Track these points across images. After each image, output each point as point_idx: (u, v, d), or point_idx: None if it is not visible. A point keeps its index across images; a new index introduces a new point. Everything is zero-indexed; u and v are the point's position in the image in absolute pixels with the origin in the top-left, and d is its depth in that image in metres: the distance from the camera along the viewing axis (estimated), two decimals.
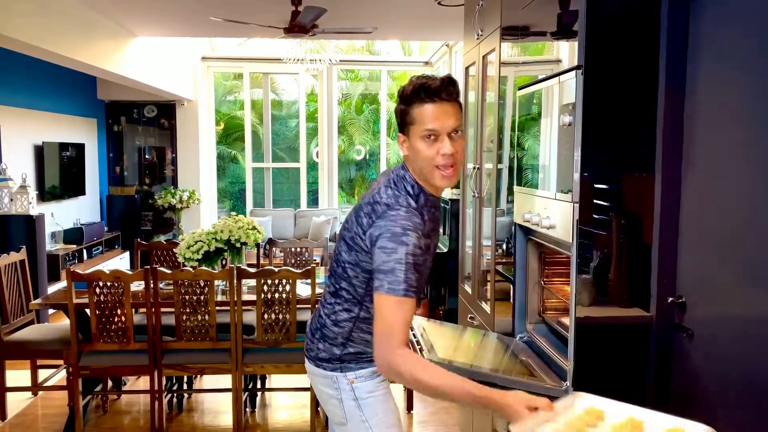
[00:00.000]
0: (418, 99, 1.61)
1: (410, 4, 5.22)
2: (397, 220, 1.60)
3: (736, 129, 1.60)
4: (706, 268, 1.72)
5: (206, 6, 5.26)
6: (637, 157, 1.86)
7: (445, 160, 1.62)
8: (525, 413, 1.44)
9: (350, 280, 1.73)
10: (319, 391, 1.85)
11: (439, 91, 1.60)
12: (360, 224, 1.68)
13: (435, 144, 1.61)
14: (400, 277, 1.54)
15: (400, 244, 1.56)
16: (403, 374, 1.52)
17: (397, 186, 1.69)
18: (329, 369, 1.78)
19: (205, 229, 3.81)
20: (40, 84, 6.46)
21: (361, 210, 1.70)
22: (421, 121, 1.61)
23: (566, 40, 2.04)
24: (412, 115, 1.63)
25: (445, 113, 1.61)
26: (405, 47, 10.89)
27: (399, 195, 1.67)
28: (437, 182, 1.66)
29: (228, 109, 12.07)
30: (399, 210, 1.62)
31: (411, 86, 1.63)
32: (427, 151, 1.62)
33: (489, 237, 2.80)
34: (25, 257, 3.98)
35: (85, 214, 7.40)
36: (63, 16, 4.95)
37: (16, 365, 3.99)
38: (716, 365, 1.68)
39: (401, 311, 1.54)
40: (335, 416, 1.82)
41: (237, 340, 3.40)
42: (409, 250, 1.56)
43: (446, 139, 1.61)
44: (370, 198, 1.70)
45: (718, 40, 1.68)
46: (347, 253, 1.72)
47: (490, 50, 2.76)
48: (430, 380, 1.51)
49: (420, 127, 1.62)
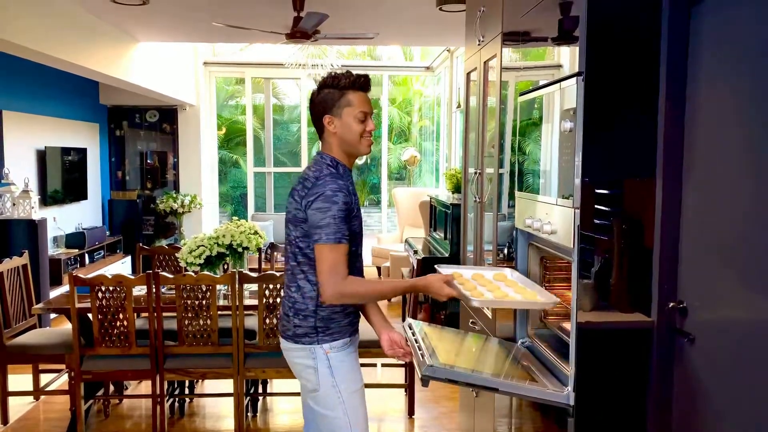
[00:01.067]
0: (353, 88, 2.06)
1: (412, 10, 5.24)
2: (326, 185, 1.98)
3: (736, 134, 1.61)
4: (708, 273, 1.72)
5: (208, 12, 5.29)
6: (638, 162, 1.86)
7: (369, 134, 2.09)
8: (444, 286, 1.99)
9: (303, 251, 2.05)
10: (294, 364, 2.14)
11: (368, 84, 2.10)
12: (296, 201, 2.04)
13: (363, 123, 2.06)
14: (333, 228, 1.94)
15: (332, 203, 1.95)
16: (351, 294, 1.99)
17: (318, 164, 2.08)
18: (307, 342, 2.08)
19: (207, 234, 3.82)
20: (42, 89, 6.48)
21: (295, 191, 2.08)
22: (357, 105, 2.05)
23: (567, 46, 2.04)
24: (347, 99, 2.05)
25: (369, 101, 2.10)
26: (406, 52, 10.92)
27: (321, 169, 2.05)
28: (363, 149, 2.09)
29: (230, 114, 12.10)
30: (325, 178, 2.00)
31: (346, 78, 2.05)
32: (359, 127, 2.06)
33: (490, 242, 2.80)
34: (27, 262, 3.99)
35: (87, 219, 7.41)
36: (66, 22, 4.98)
37: (18, 369, 3.99)
38: (718, 370, 1.68)
39: (339, 253, 1.95)
40: (309, 383, 2.10)
41: (239, 345, 3.40)
42: (340, 207, 1.95)
43: (370, 119, 2.09)
44: (300, 178, 2.09)
45: (719, 45, 1.69)
46: (295, 230, 2.05)
47: (492, 56, 2.77)
48: (368, 290, 2.03)
49: (356, 110, 2.05)
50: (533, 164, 2.29)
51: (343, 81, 2.05)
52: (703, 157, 1.74)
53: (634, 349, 1.88)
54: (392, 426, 3.83)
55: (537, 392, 1.88)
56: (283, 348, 2.17)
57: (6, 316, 3.69)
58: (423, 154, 9.89)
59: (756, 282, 1.52)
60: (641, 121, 1.85)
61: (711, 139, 1.71)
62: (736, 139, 1.61)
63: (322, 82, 2.11)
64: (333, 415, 2.07)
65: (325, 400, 2.08)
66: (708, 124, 1.72)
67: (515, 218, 2.41)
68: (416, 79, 10.84)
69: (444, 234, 5.68)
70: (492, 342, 2.41)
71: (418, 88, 11.11)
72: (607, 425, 1.89)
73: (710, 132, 1.71)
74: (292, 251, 2.09)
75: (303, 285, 2.07)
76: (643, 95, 1.84)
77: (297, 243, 2.06)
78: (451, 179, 5.99)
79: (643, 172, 1.85)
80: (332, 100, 2.05)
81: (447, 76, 8.06)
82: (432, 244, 6.09)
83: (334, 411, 2.07)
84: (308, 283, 2.06)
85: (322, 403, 2.08)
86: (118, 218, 7.99)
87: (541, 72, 2.33)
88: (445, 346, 2.18)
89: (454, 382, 1.89)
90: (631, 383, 1.88)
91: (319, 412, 2.10)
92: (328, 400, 2.07)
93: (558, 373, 1.99)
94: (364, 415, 2.12)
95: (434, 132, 9.40)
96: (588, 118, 1.80)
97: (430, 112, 9.92)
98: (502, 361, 2.20)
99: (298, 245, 2.05)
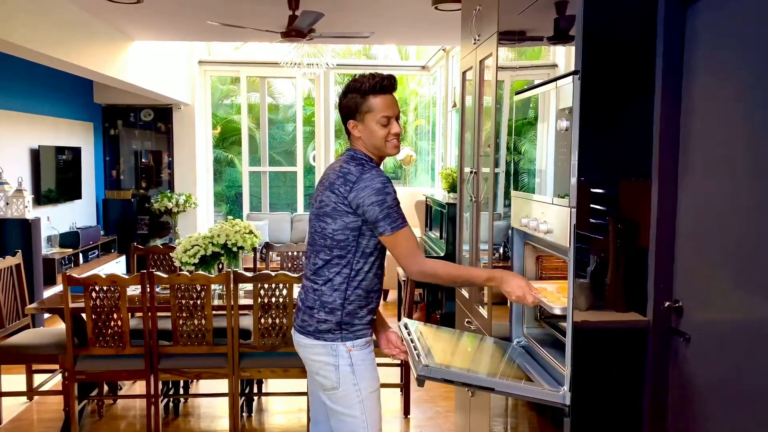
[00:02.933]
0: (374, 92, 2.04)
1: (407, 9, 5.23)
2: (374, 179, 2.01)
3: (733, 133, 1.61)
4: (703, 273, 1.72)
5: (203, 10, 5.26)
6: (633, 161, 1.86)
7: (395, 137, 2.09)
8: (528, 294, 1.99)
9: (340, 244, 2.05)
10: (312, 361, 2.11)
11: (391, 86, 2.07)
12: (338, 194, 2.04)
13: (387, 126, 2.06)
14: (395, 216, 2.01)
15: (386, 194, 2.01)
16: (432, 273, 2.05)
17: (355, 160, 2.08)
18: (330, 339, 2.07)
19: (202, 233, 3.81)
20: (36, 88, 6.45)
21: (333, 185, 2.06)
22: (379, 110, 2.04)
23: (563, 45, 2.04)
24: (369, 105, 2.05)
25: (393, 103, 2.08)
26: (402, 51, 10.91)
27: (362, 164, 2.07)
28: (389, 151, 2.10)
29: (225, 113, 12.07)
30: (370, 171, 2.04)
31: (368, 82, 2.04)
32: (382, 131, 2.06)
33: (486, 241, 2.80)
34: (20, 261, 3.97)
35: (82, 218, 7.38)
36: (61, 20, 4.95)
37: (12, 370, 3.97)
38: (714, 370, 1.68)
39: (410, 237, 2.04)
40: (327, 381, 2.08)
41: (233, 345, 3.39)
42: (393, 196, 2.02)
43: (395, 122, 2.08)
44: (337, 173, 2.08)
45: (715, 44, 1.69)
46: (333, 223, 2.05)
47: (487, 55, 2.76)
48: (447, 271, 2.09)
49: (377, 115, 2.04)
50: (529, 163, 2.29)
51: (366, 85, 2.04)
52: (699, 156, 1.74)
53: (629, 349, 1.88)
54: (388, 426, 3.82)
55: (533, 392, 1.88)
56: (301, 344, 2.14)
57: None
58: (419, 154, 9.88)
59: (752, 281, 1.52)
60: (637, 120, 1.84)
61: (707, 138, 1.71)
62: (733, 138, 1.60)
63: (346, 87, 2.10)
64: (351, 414, 2.06)
65: (344, 399, 2.06)
66: (704, 123, 1.72)
67: (511, 217, 2.40)
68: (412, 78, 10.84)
69: (440, 233, 5.68)
70: (488, 342, 2.40)
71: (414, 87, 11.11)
72: (603, 425, 1.89)
73: (706, 131, 1.71)
74: (325, 245, 2.07)
75: (334, 278, 2.06)
76: (639, 94, 1.84)
77: (334, 236, 2.05)
78: (447, 178, 5.99)
79: (639, 171, 1.85)
80: (356, 105, 2.06)
81: (443, 76, 8.06)
82: (428, 243, 6.08)
83: (351, 410, 2.06)
84: (338, 276, 2.06)
85: (340, 401, 2.07)
86: (112, 218, 7.96)
87: (537, 71, 2.32)
88: (441, 346, 2.17)
89: (450, 382, 1.89)
90: (627, 383, 1.88)
91: (335, 410, 2.09)
92: (347, 399, 2.06)
93: (554, 372, 1.98)
94: (379, 417, 2.13)
95: (430, 131, 9.40)
96: (584, 117, 1.80)
97: (426, 111, 9.91)
98: (497, 360, 2.20)
99: (335, 239, 2.05)
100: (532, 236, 2.19)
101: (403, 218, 2.03)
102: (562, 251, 1.93)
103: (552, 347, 2.10)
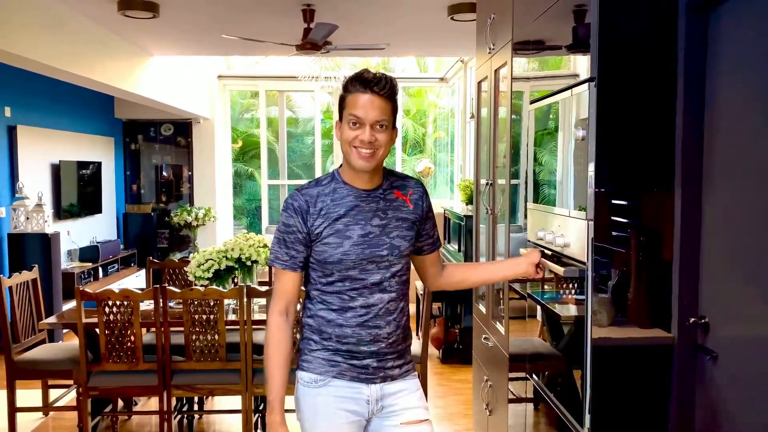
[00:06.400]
0: (353, 88, 1.71)
1: (423, 20, 5.20)
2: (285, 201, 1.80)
3: (759, 142, 1.52)
4: (730, 287, 1.63)
5: (218, 24, 5.29)
6: (655, 171, 1.78)
7: (362, 144, 1.69)
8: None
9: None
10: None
11: (369, 82, 1.68)
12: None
13: (357, 130, 1.70)
14: (272, 248, 1.80)
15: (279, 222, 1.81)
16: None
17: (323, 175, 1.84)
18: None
19: (216, 248, 3.77)
20: (58, 104, 6.53)
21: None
22: (350, 107, 1.70)
23: (580, 54, 1.97)
24: (346, 101, 1.72)
25: (371, 104, 1.68)
26: (421, 64, 10.90)
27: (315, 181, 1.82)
28: (354, 161, 1.72)
29: (245, 127, 12.14)
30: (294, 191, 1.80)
31: (351, 76, 1.74)
32: (348, 134, 1.71)
33: (503, 254, 2.72)
34: (37, 276, 3.98)
35: (102, 232, 7.43)
36: (81, 38, 5.00)
37: (28, 384, 3.96)
38: (742, 389, 1.58)
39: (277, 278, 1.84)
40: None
41: (247, 361, 3.34)
42: (281, 223, 1.78)
43: (368, 128, 1.68)
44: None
45: (739, 50, 1.61)
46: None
47: (502, 64, 2.70)
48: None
49: (348, 112, 1.71)
50: (548, 175, 2.22)
51: (347, 80, 1.76)
52: (724, 165, 1.65)
53: (653, 367, 1.79)
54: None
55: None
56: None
57: (15, 331, 3.67)
58: (438, 166, 9.83)
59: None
60: (658, 128, 1.77)
61: (732, 146, 1.62)
62: (759, 146, 1.52)
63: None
64: None
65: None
66: (729, 131, 1.64)
67: (527, 230, 2.33)
68: (430, 90, 10.81)
69: (458, 246, 5.60)
70: None
71: (433, 99, 11.08)
72: None
73: (731, 139, 1.63)
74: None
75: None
76: (660, 102, 1.77)
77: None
78: (465, 191, 5.91)
79: (661, 181, 1.77)
80: (339, 102, 1.78)
81: (461, 87, 8.01)
82: (446, 256, 6.00)
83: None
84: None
85: None
86: (132, 232, 8.00)
87: (557, 81, 2.26)
88: None
89: None
90: (650, 402, 1.79)
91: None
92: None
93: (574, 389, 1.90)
94: None
95: (449, 143, 9.34)
96: (601, 126, 1.73)
97: (445, 123, 9.86)
98: None
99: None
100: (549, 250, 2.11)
101: (274, 254, 1.80)
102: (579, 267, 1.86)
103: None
